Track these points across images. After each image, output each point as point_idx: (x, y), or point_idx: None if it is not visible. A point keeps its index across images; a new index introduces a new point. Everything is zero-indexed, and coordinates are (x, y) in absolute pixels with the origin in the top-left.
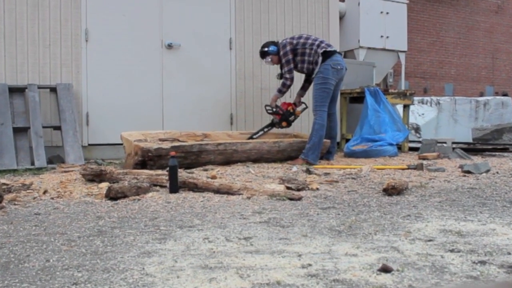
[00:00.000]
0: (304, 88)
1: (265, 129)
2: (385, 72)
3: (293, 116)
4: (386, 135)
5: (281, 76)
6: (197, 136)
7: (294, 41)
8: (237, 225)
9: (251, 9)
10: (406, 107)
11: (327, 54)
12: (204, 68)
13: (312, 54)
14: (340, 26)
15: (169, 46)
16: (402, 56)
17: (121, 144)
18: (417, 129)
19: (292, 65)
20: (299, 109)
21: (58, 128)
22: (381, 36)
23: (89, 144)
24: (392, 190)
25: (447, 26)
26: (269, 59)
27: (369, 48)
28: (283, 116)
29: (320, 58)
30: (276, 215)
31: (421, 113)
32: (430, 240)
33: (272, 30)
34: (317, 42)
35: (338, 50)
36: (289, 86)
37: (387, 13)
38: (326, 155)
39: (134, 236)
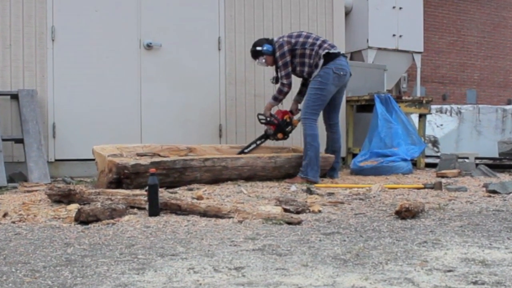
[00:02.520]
0: (301, 93)
1: (258, 142)
2: (397, 77)
3: (290, 127)
4: (399, 149)
5: (277, 80)
6: (180, 151)
7: (293, 40)
8: (227, 253)
9: (243, 3)
10: (422, 116)
11: (330, 57)
12: (188, 71)
13: (312, 56)
14: (346, 24)
15: (149, 47)
16: (418, 58)
17: (93, 159)
18: (434, 142)
19: (290, 69)
20: (296, 118)
21: (20, 141)
22: (393, 35)
23: (56, 160)
24: (406, 213)
25: (469, 23)
26: (263, 60)
27: (379, 48)
28: (279, 127)
29: (321, 61)
30: (272, 241)
31: (440, 123)
32: (449, 271)
33: (267, 28)
34: (318, 42)
35: (343, 52)
36: (286, 93)
37: (400, 8)
38: (330, 172)
39: (108, 266)
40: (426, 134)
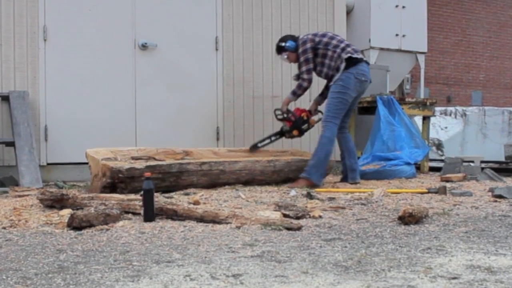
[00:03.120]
0: (323, 95)
1: (273, 138)
2: (401, 78)
3: (306, 125)
4: (402, 153)
5: (298, 77)
6: (176, 154)
7: (317, 39)
8: (225, 260)
9: (241, 2)
10: (426, 119)
11: (352, 61)
12: (185, 72)
13: (334, 58)
14: (347, 23)
15: (144, 47)
16: (421, 59)
17: (86, 163)
18: (439, 146)
19: (311, 65)
20: (314, 117)
21: (11, 144)
22: (396, 35)
23: (48, 164)
24: (409, 218)
25: (475, 22)
26: (285, 56)
27: (381, 48)
28: (295, 123)
29: (343, 65)
30: (271, 248)
31: (444, 126)
32: (454, 278)
33: (266, 28)
34: (342, 45)
35: (365, 58)
36: (305, 89)
37: (404, 7)
38: (351, 175)
39: (101, 273)
40: (430, 137)
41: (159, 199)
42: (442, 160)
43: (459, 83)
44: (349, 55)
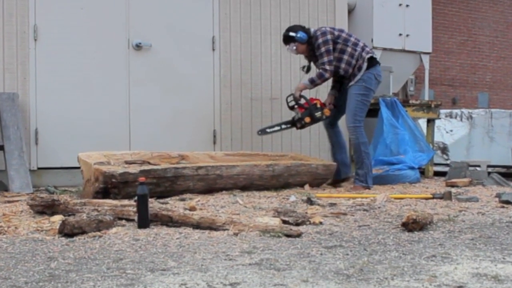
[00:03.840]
0: (336, 88)
1: (283, 126)
2: (404, 79)
3: (320, 113)
4: (406, 157)
5: (308, 69)
6: (172, 158)
7: (336, 33)
8: (222, 268)
9: (239, 1)
10: (430, 122)
11: (373, 62)
12: (180, 73)
13: (355, 56)
14: (349, 22)
15: (138, 47)
16: (426, 59)
17: (78, 167)
18: (444, 149)
19: (332, 56)
20: (329, 109)
21: (0, 148)
22: (400, 34)
23: (38, 168)
24: (413, 225)
25: (481, 21)
26: (294, 47)
27: (384, 49)
28: (308, 110)
29: (365, 64)
30: (270, 255)
31: (449, 129)
32: (460, 287)
33: (265, 27)
34: (361, 44)
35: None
36: (325, 80)
37: (407, 5)
38: (344, 169)
39: (94, 281)
40: (434, 141)
41: (154, 205)
42: (447, 165)
43: (465, 85)
44: (370, 55)
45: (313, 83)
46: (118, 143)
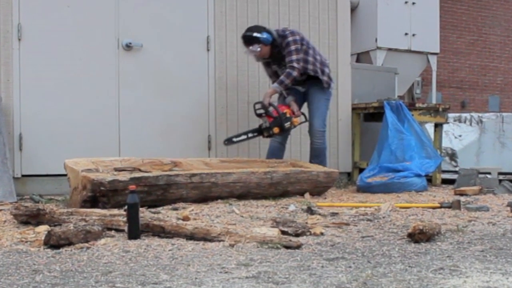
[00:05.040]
0: (292, 94)
1: (250, 135)
2: (410, 81)
3: (289, 123)
4: (412, 164)
5: (273, 74)
6: (164, 165)
7: (301, 34)
8: (217, 281)
9: None
10: (438, 126)
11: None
12: (173, 75)
13: (319, 60)
14: (352, 21)
15: (128, 47)
16: (433, 60)
17: (65, 175)
18: (452, 156)
19: (302, 55)
20: (297, 119)
21: None
22: (406, 34)
23: (23, 175)
24: (419, 236)
25: (492, 20)
26: (258, 49)
27: (389, 49)
28: (277, 120)
29: (327, 69)
30: (268, 268)
31: (458, 134)
32: None
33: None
34: (316, 47)
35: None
36: (294, 78)
37: (414, 3)
38: None
39: None
40: (442, 146)
41: (145, 214)
42: (456, 172)
43: (475, 87)
44: (327, 61)
45: (282, 84)
46: (107, 149)
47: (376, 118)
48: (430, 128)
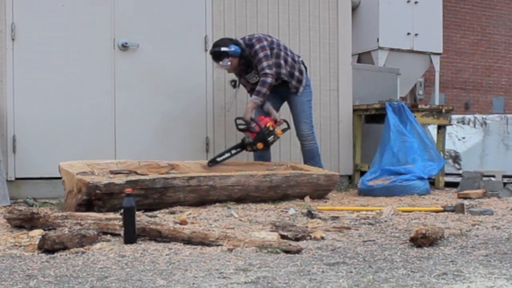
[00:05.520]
0: (269, 99)
1: (233, 151)
2: (413, 82)
3: (272, 136)
4: (415, 166)
5: (235, 84)
6: (161, 168)
7: (269, 38)
8: (215, 287)
9: None
10: (441, 128)
11: (304, 65)
12: (170, 75)
13: (289, 61)
14: (353, 21)
15: (124, 47)
16: (436, 60)
17: (60, 178)
18: (456, 158)
19: (272, 61)
20: (280, 128)
21: None
22: (408, 34)
23: (16, 178)
24: (422, 240)
25: (496, 20)
26: (228, 63)
27: (391, 49)
28: (260, 135)
29: (303, 68)
30: (267, 273)
31: (462, 136)
32: None
33: (261, 26)
34: (288, 48)
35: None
36: (270, 85)
37: (416, 2)
38: None
39: None
40: (445, 149)
41: (142, 218)
42: (459, 175)
43: (479, 88)
44: (301, 58)
45: (259, 94)
46: (102, 151)
47: (377, 119)
48: (433, 130)
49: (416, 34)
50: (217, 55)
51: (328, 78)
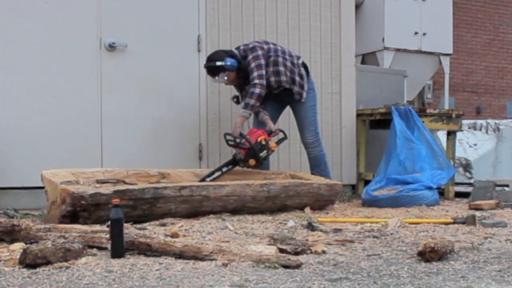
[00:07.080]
0: (265, 108)
1: (224, 169)
2: (421, 85)
3: (265, 151)
4: (423, 175)
5: (238, 100)
6: (151, 177)
7: (265, 46)
8: None
9: None
10: (451, 134)
11: (305, 68)
12: (160, 78)
13: (288, 66)
14: (356, 19)
15: (111, 47)
16: (446, 62)
17: (42, 187)
18: (466, 166)
19: (264, 71)
20: (274, 140)
21: None
22: (416, 33)
23: None
24: (431, 254)
25: (509, 18)
26: (225, 77)
27: (398, 49)
28: (251, 151)
29: (304, 72)
30: None
31: (473, 143)
32: None
33: (258, 24)
34: (287, 51)
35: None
36: (259, 96)
37: (424, 0)
38: None
39: None
40: (456, 156)
41: (130, 230)
42: (470, 184)
43: (491, 91)
44: (302, 60)
45: (248, 107)
46: (88, 158)
47: (383, 125)
48: (442, 136)
49: (424, 34)
50: (212, 70)
51: (330, 80)
